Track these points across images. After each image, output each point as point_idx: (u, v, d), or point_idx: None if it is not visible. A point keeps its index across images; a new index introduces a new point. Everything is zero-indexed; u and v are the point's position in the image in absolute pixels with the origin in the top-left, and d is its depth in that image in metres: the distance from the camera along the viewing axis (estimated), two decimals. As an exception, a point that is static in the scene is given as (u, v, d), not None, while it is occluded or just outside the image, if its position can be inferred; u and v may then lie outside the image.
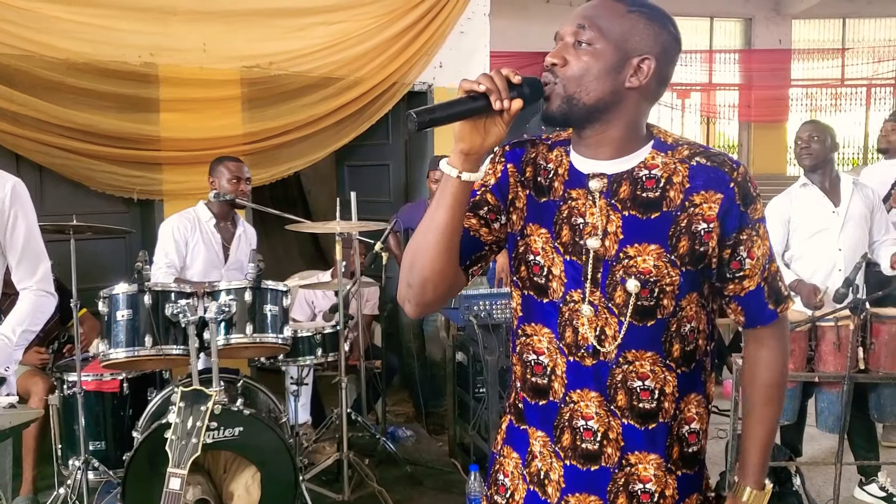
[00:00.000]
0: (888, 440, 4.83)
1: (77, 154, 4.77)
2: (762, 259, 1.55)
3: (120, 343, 3.34)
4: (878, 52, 16.35)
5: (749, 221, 1.51)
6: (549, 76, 1.50)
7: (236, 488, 3.40)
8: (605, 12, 1.48)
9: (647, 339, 1.51)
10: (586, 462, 1.55)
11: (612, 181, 1.52)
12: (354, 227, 4.18)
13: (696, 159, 1.51)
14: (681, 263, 1.49)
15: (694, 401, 1.59)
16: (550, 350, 1.56)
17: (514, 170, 1.61)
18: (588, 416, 1.53)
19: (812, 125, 4.04)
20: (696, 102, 16.62)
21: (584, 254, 1.51)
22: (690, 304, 1.53)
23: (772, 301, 1.59)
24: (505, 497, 1.66)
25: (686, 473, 1.59)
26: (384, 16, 5.67)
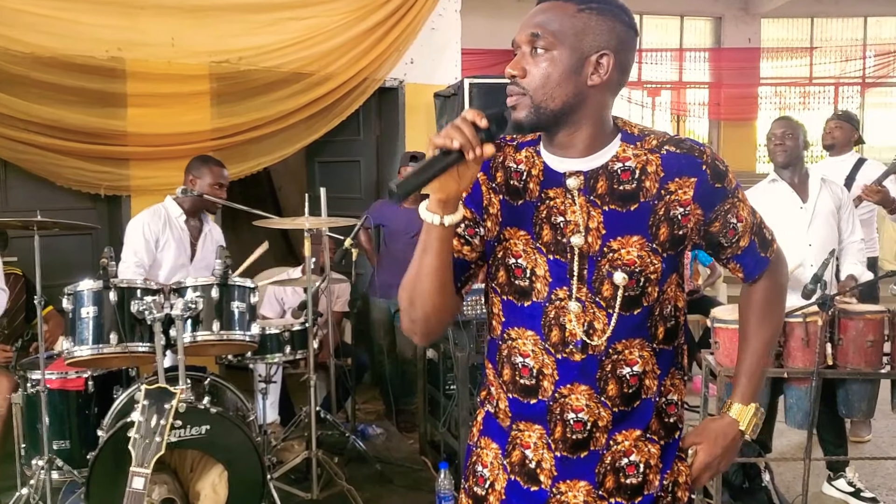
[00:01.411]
0: (856, 435, 4.89)
1: (43, 149, 4.70)
2: (749, 217, 1.66)
3: (85, 340, 3.29)
4: (846, 52, 16.55)
5: (727, 192, 1.59)
6: (513, 88, 1.52)
7: (203, 487, 3.36)
8: (557, 15, 1.50)
9: (634, 327, 1.56)
10: (576, 450, 1.59)
11: (589, 177, 1.54)
12: (324, 223, 4.15)
13: (665, 148, 1.56)
14: (662, 250, 1.54)
15: (676, 375, 1.67)
16: (536, 352, 1.58)
17: (485, 177, 1.62)
18: (578, 409, 1.57)
19: (786, 122, 4.06)
20: (667, 100, 16.74)
21: (568, 252, 1.54)
22: (671, 286, 1.60)
23: (763, 249, 1.70)
24: (484, 488, 1.68)
25: (667, 442, 1.65)
26: (355, 11, 5.63)
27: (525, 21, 1.53)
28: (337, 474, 4.05)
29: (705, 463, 1.72)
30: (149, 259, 3.99)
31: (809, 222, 3.93)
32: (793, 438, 4.70)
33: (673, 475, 1.66)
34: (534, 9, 1.54)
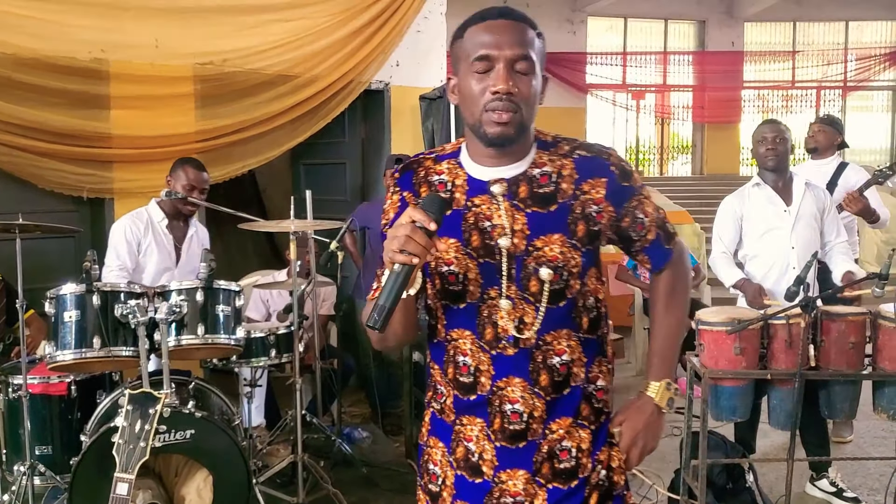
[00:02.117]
0: (838, 436, 4.92)
1: (25, 151, 4.65)
2: (654, 213, 1.78)
3: (67, 345, 3.26)
4: (828, 55, 16.68)
5: (634, 190, 1.73)
6: (507, 104, 1.59)
7: (188, 492, 3.34)
8: (531, 37, 1.63)
9: (560, 319, 1.70)
10: (515, 441, 1.71)
11: (511, 184, 1.67)
12: (309, 225, 4.14)
13: (577, 152, 1.71)
14: (581, 245, 1.69)
15: (599, 362, 1.79)
16: (473, 350, 1.71)
17: (410, 195, 1.75)
18: (514, 401, 1.70)
19: (776, 125, 4.07)
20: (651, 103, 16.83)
21: (497, 253, 1.67)
22: (591, 278, 1.74)
23: (667, 242, 1.82)
24: (437, 484, 1.80)
25: (597, 427, 1.78)
26: (340, 13, 5.63)
27: (500, 39, 1.60)
28: (323, 478, 4.04)
29: (631, 438, 1.82)
30: (132, 263, 3.97)
31: (793, 225, 3.95)
32: (776, 439, 4.72)
33: (606, 460, 1.78)
34: (502, 24, 1.62)
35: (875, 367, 3.50)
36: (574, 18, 15.37)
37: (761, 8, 15.40)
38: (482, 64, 1.60)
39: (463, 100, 1.66)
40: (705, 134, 16.55)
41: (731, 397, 3.52)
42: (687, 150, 17.21)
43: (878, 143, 17.32)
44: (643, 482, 4.16)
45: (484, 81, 1.60)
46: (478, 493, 1.74)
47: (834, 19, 16.45)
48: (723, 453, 3.85)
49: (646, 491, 4.12)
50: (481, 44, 1.61)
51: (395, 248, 1.49)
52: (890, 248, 3.72)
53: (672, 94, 16.65)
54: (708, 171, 16.35)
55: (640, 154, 17.20)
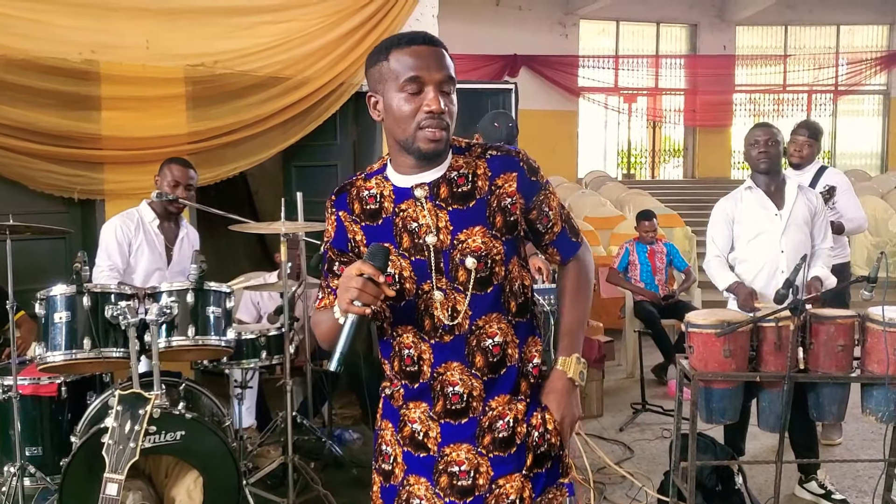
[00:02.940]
0: (827, 438, 4.94)
1: (15, 152, 4.65)
2: (558, 207, 1.97)
3: (58, 346, 3.26)
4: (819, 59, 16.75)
5: (540, 185, 1.92)
6: (441, 122, 1.76)
7: (178, 493, 3.33)
8: (450, 62, 1.81)
9: (489, 304, 1.86)
10: (457, 418, 1.89)
11: (433, 187, 1.84)
12: (300, 227, 4.14)
13: (489, 153, 1.89)
14: (500, 235, 1.86)
15: (532, 342, 1.96)
16: (415, 342, 1.88)
17: (345, 214, 1.93)
18: (454, 383, 1.87)
19: (768, 129, 4.08)
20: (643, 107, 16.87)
21: (425, 250, 1.84)
22: (515, 266, 1.90)
23: (573, 235, 2.02)
24: (389, 463, 1.97)
25: (530, 401, 1.94)
26: (332, 16, 5.63)
27: (428, 63, 1.77)
28: (313, 479, 4.03)
29: (560, 413, 1.96)
30: (122, 263, 3.96)
31: (783, 229, 3.97)
32: (765, 441, 4.74)
33: (540, 423, 1.93)
34: (428, 49, 1.78)
35: (863, 369, 3.52)
36: (566, 21, 15.41)
37: (753, 12, 15.46)
38: (413, 85, 1.76)
39: (392, 118, 1.80)
40: (697, 137, 16.61)
41: (721, 399, 3.53)
42: (678, 153, 17.27)
43: (868, 147, 17.41)
44: (633, 484, 4.17)
45: (414, 102, 1.76)
46: (426, 465, 1.91)
47: (825, 23, 16.53)
48: (712, 455, 3.86)
49: (635, 493, 4.14)
50: (411, 66, 1.76)
51: (348, 299, 1.66)
52: (879, 252, 3.75)
53: (664, 98, 16.71)
54: (699, 175, 16.41)
55: (632, 157, 17.25)
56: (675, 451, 3.68)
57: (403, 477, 1.93)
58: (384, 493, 1.99)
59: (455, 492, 1.88)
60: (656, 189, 13.95)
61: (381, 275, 1.68)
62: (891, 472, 3.64)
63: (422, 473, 1.91)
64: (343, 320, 1.69)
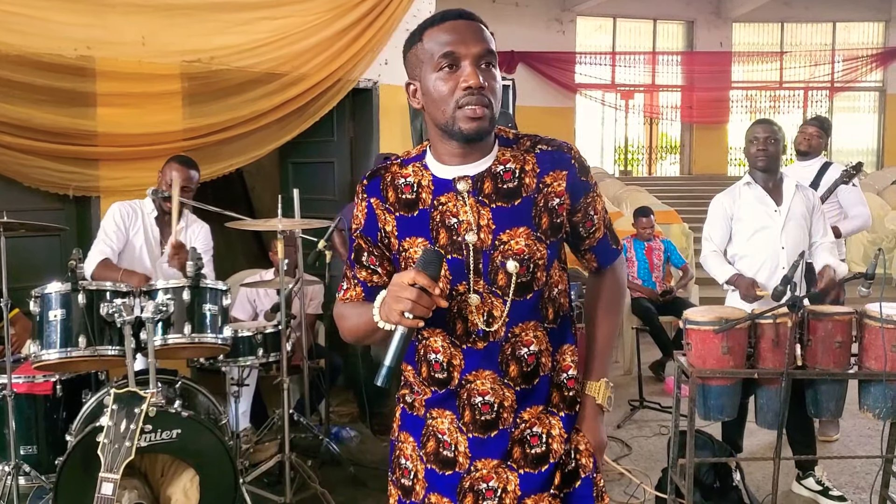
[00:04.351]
0: (824, 435, 4.94)
1: (10, 149, 4.63)
2: (603, 212, 1.84)
3: (53, 344, 3.23)
4: (815, 56, 16.75)
5: (590, 187, 1.79)
6: (482, 99, 1.62)
7: (174, 492, 3.32)
8: (488, 35, 1.67)
9: (528, 311, 1.73)
10: (487, 431, 1.76)
11: (476, 180, 1.71)
12: (297, 224, 4.12)
13: (538, 147, 1.74)
14: (545, 237, 1.72)
15: (568, 351, 1.83)
16: (445, 346, 1.75)
17: (378, 201, 1.77)
18: (484, 392, 1.74)
19: (768, 126, 4.06)
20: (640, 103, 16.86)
21: (464, 249, 1.70)
22: (556, 270, 1.79)
23: (613, 242, 1.90)
24: (409, 479, 1.84)
25: (568, 414, 1.83)
26: (329, 12, 5.61)
27: (463, 37, 1.63)
28: (310, 477, 4.02)
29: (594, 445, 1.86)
30: (119, 244, 3.96)
31: (783, 226, 3.96)
32: (763, 438, 4.74)
33: (573, 443, 1.83)
34: (463, 23, 1.65)
35: (861, 366, 3.52)
36: (563, 18, 15.39)
37: (749, 9, 15.46)
38: (448, 60, 1.62)
39: (431, 101, 1.67)
40: (693, 134, 16.61)
41: (719, 396, 3.53)
42: (675, 150, 17.26)
43: (864, 144, 17.42)
44: (631, 481, 4.17)
45: (451, 80, 1.63)
46: (450, 485, 1.78)
47: (821, 20, 16.53)
48: (710, 452, 3.86)
49: (633, 490, 4.13)
50: (446, 42, 1.63)
51: (400, 311, 1.52)
52: (876, 249, 3.75)
53: (661, 94, 16.70)
54: (696, 172, 16.41)
55: (629, 154, 17.25)
56: (673, 447, 3.68)
57: (424, 495, 1.81)
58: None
59: None
60: (653, 185, 13.94)
61: (436, 286, 1.54)
62: (888, 469, 3.65)
63: (445, 493, 1.79)
64: (391, 329, 1.58)
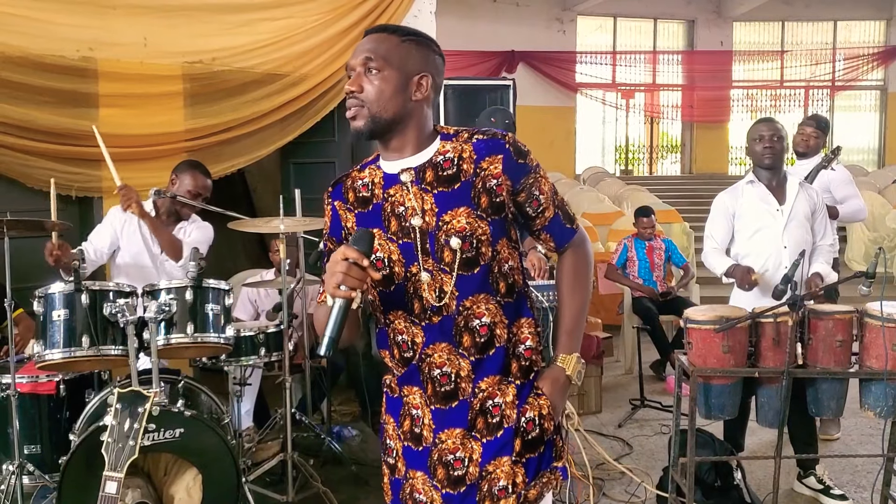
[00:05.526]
0: (826, 434, 4.95)
1: (12, 150, 4.64)
2: (550, 192, 1.96)
3: (56, 344, 3.24)
4: (816, 55, 16.74)
5: (529, 168, 1.91)
6: (352, 101, 1.86)
7: (177, 491, 3.33)
8: (384, 44, 1.86)
9: (476, 285, 1.87)
10: (447, 401, 1.90)
11: (419, 171, 1.89)
12: (298, 225, 4.13)
13: (475, 137, 1.91)
14: (486, 215, 1.87)
15: (525, 324, 1.96)
16: (407, 326, 1.91)
17: (340, 203, 2.00)
18: (441, 364, 1.89)
19: (772, 124, 4.07)
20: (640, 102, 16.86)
21: (411, 233, 1.86)
22: (504, 247, 1.91)
23: (567, 221, 2.01)
24: (393, 457, 2.01)
25: (523, 382, 1.94)
26: (329, 12, 5.62)
27: (357, 48, 1.87)
28: (312, 476, 4.04)
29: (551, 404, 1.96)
30: (107, 245, 4.02)
31: (785, 225, 3.97)
32: (764, 437, 4.75)
33: (536, 409, 1.93)
34: (364, 39, 1.89)
35: (862, 365, 3.53)
36: (563, 18, 15.40)
37: (750, 8, 15.46)
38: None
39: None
40: (694, 133, 16.61)
41: (720, 395, 3.54)
42: (676, 149, 17.27)
43: (866, 143, 17.42)
44: (632, 480, 4.18)
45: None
46: (422, 459, 1.94)
47: (822, 19, 16.53)
48: (711, 451, 3.87)
49: (634, 489, 4.14)
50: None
51: (335, 284, 1.69)
52: (877, 247, 3.76)
53: (661, 94, 16.70)
54: (697, 171, 16.42)
55: (630, 153, 17.25)
56: (674, 446, 3.68)
57: (405, 471, 1.97)
58: (392, 484, 2.03)
59: (450, 483, 1.90)
60: (654, 185, 13.95)
61: (364, 258, 1.70)
62: (889, 468, 3.65)
63: (419, 468, 1.94)
64: (331, 304, 1.71)
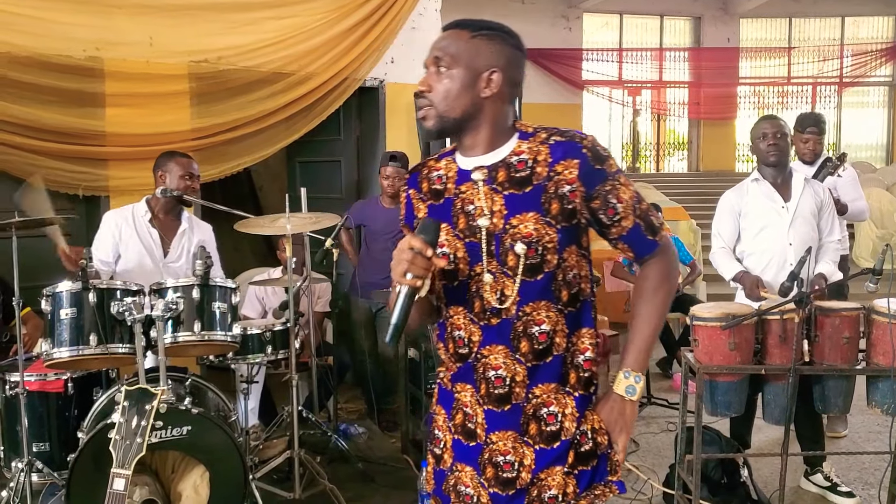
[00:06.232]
0: (832, 431, 4.94)
1: (20, 149, 4.66)
2: (630, 201, 1.87)
3: (64, 342, 3.26)
4: (823, 51, 16.67)
5: (608, 174, 1.84)
6: (422, 101, 1.86)
7: (185, 488, 3.35)
8: (454, 41, 1.85)
9: (538, 291, 1.84)
10: (500, 404, 1.88)
11: (491, 170, 1.86)
12: (304, 225, 4.14)
13: (552, 139, 1.85)
14: (555, 222, 1.82)
15: (586, 334, 1.91)
16: (465, 323, 1.90)
17: (415, 192, 1.99)
18: (497, 366, 1.87)
19: (775, 121, 4.05)
20: (647, 100, 16.80)
21: (478, 233, 1.85)
22: (571, 255, 1.86)
23: (649, 233, 1.91)
24: (440, 447, 2.00)
25: (582, 395, 1.91)
26: (335, 11, 5.63)
27: (432, 45, 1.88)
28: (319, 474, 4.05)
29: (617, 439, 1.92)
30: (111, 255, 3.98)
31: (791, 222, 3.96)
32: (770, 434, 4.74)
33: (590, 423, 1.90)
34: (438, 37, 1.89)
35: (869, 361, 3.52)
36: (570, 15, 15.36)
37: (757, 4, 15.39)
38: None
39: None
40: (701, 130, 16.55)
41: (726, 392, 3.54)
42: (683, 146, 17.22)
43: (873, 140, 17.34)
44: (638, 477, 4.18)
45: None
46: (472, 455, 1.92)
47: (830, 15, 16.45)
48: (717, 448, 3.86)
49: (641, 486, 4.14)
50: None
51: (400, 272, 1.70)
52: (884, 244, 3.74)
53: (668, 91, 16.64)
54: (704, 168, 16.36)
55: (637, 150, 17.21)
56: (681, 444, 3.68)
57: (452, 463, 1.96)
58: (436, 474, 2.03)
59: (499, 483, 1.88)
60: (661, 182, 13.91)
61: (429, 248, 1.69)
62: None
63: (469, 463, 1.93)
64: (398, 291, 1.72)
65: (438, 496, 2.01)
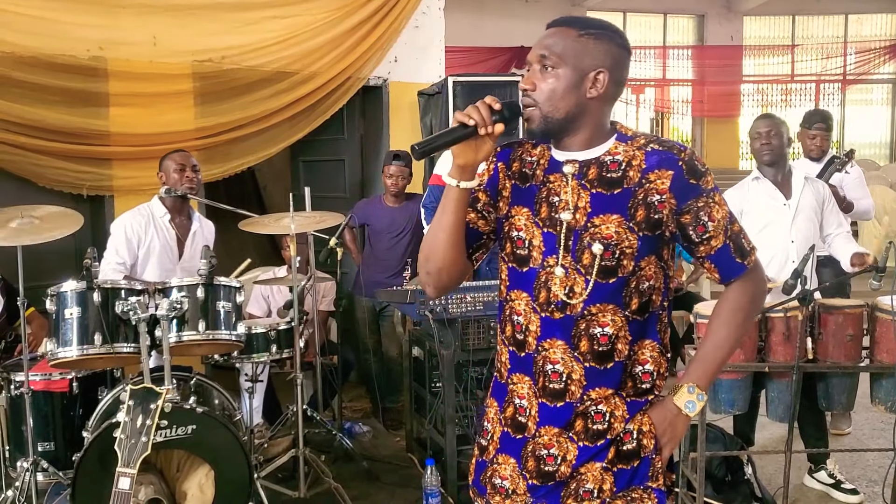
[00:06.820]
0: (836, 428, 4.93)
1: (24, 149, 4.68)
2: (723, 221, 1.83)
3: (69, 342, 3.27)
4: (827, 49, 16.63)
5: (702, 191, 1.81)
6: (527, 100, 1.82)
7: (190, 487, 3.36)
8: (561, 39, 1.81)
9: (609, 294, 1.80)
10: (553, 399, 1.85)
11: (583, 166, 1.83)
12: (308, 224, 4.14)
13: (650, 146, 1.82)
14: (638, 229, 1.78)
15: (648, 346, 1.87)
16: (526, 311, 1.87)
17: (504, 166, 1.94)
18: (555, 361, 1.84)
19: (769, 120, 4.06)
20: (651, 98, 16.78)
21: (558, 225, 1.82)
22: (649, 265, 1.82)
23: (738, 255, 1.87)
24: (487, 439, 1.98)
25: (636, 400, 1.87)
26: (338, 10, 5.63)
27: (536, 43, 1.83)
28: (324, 472, 4.06)
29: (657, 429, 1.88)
30: (130, 258, 3.98)
31: (792, 219, 3.96)
32: (774, 431, 4.74)
33: (637, 423, 1.86)
34: (544, 34, 1.85)
35: (873, 359, 3.52)
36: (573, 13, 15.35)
37: (760, 2, 15.37)
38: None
39: None
40: (705, 128, 16.53)
41: (730, 390, 3.54)
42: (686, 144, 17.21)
43: (877, 137, 17.31)
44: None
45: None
46: (516, 447, 1.90)
47: (833, 13, 16.42)
48: (721, 446, 3.86)
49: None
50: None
51: (465, 113, 1.72)
52: (888, 241, 3.74)
53: (672, 89, 16.63)
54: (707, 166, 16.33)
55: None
56: (685, 441, 3.68)
57: (494, 455, 1.95)
58: (477, 465, 2.01)
59: (539, 475, 1.87)
60: (664, 180, 13.89)
61: (498, 104, 1.74)
62: (901, 462, 3.64)
63: (512, 454, 1.91)
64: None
65: (475, 486, 2.00)
